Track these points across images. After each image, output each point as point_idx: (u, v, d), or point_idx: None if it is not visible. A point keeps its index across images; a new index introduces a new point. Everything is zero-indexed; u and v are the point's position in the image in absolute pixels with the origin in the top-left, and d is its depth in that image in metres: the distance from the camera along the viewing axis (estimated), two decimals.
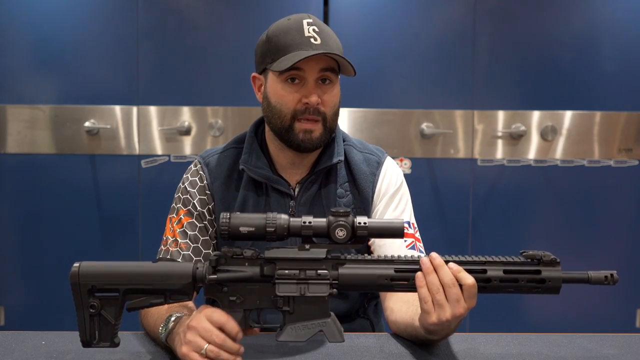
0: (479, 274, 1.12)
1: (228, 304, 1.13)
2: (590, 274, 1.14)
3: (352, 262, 1.14)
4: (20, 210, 2.93)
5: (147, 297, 1.13)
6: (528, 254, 1.14)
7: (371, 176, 1.51)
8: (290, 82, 1.40)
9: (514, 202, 2.95)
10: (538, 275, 1.13)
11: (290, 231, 1.12)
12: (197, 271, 1.13)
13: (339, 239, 1.11)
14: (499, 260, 1.14)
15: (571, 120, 2.92)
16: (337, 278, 1.13)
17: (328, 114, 1.42)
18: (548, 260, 1.13)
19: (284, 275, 1.12)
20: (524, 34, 2.92)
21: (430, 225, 2.87)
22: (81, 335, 1.13)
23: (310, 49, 1.37)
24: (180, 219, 1.48)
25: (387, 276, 1.13)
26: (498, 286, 1.13)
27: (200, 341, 1.10)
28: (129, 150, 2.90)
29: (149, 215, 2.91)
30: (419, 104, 2.91)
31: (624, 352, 1.29)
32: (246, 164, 1.48)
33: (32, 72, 2.91)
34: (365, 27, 2.89)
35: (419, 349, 1.29)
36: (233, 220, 1.11)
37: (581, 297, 2.97)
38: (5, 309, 2.96)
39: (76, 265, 1.13)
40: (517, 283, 1.12)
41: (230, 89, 2.89)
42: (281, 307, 1.13)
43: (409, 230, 1.48)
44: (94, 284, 1.11)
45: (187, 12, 2.91)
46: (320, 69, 1.39)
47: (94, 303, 1.12)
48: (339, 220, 1.11)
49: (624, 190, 2.96)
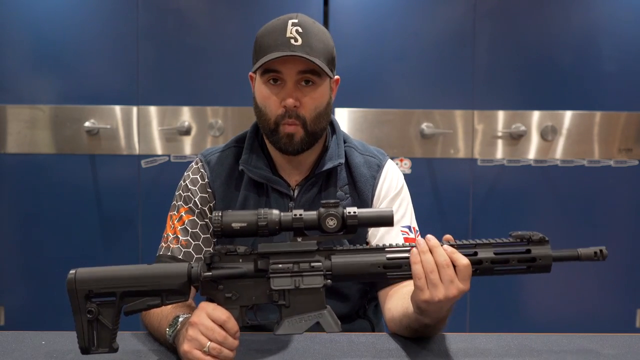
0: (471, 257, 1.13)
1: (224, 302, 1.14)
2: (579, 251, 1.16)
3: (345, 252, 1.15)
4: (20, 210, 2.93)
5: (144, 299, 1.14)
6: (517, 234, 1.15)
7: (371, 179, 1.51)
8: (273, 83, 1.40)
9: (514, 202, 2.95)
10: (528, 255, 1.14)
11: (282, 225, 1.13)
12: (192, 270, 1.14)
13: (330, 229, 1.12)
14: (489, 242, 1.15)
15: (571, 120, 2.92)
16: (330, 268, 1.14)
17: (308, 118, 1.40)
18: (537, 239, 1.14)
19: (278, 269, 1.13)
20: (524, 34, 2.92)
21: (430, 225, 2.86)
22: (80, 342, 1.13)
23: (287, 50, 1.35)
24: (181, 216, 1.48)
25: (380, 263, 1.14)
26: (489, 267, 1.14)
27: (202, 339, 1.11)
28: (129, 150, 2.90)
29: (149, 215, 2.91)
30: (419, 104, 2.91)
31: (624, 352, 1.29)
32: (246, 165, 1.48)
33: (32, 72, 2.91)
34: (365, 27, 2.89)
35: (419, 348, 1.29)
36: (225, 218, 1.12)
37: (581, 297, 2.98)
38: (5, 309, 2.96)
39: (72, 272, 1.14)
40: (508, 263, 1.14)
41: (230, 89, 2.89)
42: (277, 301, 1.13)
43: (410, 235, 1.48)
44: (90, 289, 1.12)
45: (187, 12, 2.92)
46: (298, 71, 1.38)
47: (91, 308, 1.12)
48: (329, 210, 1.12)
49: (624, 190, 2.96)
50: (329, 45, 1.42)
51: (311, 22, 1.42)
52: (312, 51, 1.37)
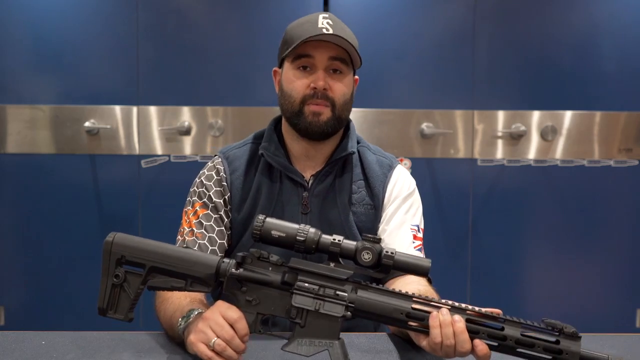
0: (496, 330, 1.10)
1: (244, 304, 1.14)
2: (610, 355, 1.10)
3: (373, 290, 1.13)
4: (20, 210, 2.93)
5: (170, 280, 1.16)
6: (550, 322, 1.11)
7: (382, 177, 1.56)
8: (302, 70, 1.47)
9: (514, 202, 2.95)
10: (556, 345, 1.09)
11: (319, 246, 1.13)
12: (221, 265, 1.15)
13: (365, 262, 1.11)
14: (519, 321, 1.11)
15: (571, 120, 2.92)
16: (354, 302, 1.12)
17: (337, 101, 1.47)
18: (569, 332, 1.10)
19: (303, 288, 1.12)
20: (524, 34, 2.92)
21: (430, 225, 2.86)
22: (99, 302, 1.16)
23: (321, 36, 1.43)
24: (196, 210, 1.53)
25: (404, 311, 1.12)
26: (512, 347, 1.10)
27: (210, 333, 1.12)
28: (129, 150, 2.90)
29: (149, 215, 2.91)
30: (419, 104, 2.91)
31: (624, 352, 1.29)
32: (265, 150, 1.53)
33: (32, 72, 2.91)
34: (365, 27, 2.89)
35: (419, 348, 1.29)
36: (267, 224, 1.13)
37: (581, 297, 2.97)
38: (5, 309, 2.96)
39: (112, 234, 1.19)
40: (532, 347, 1.09)
41: (230, 89, 2.89)
42: (294, 318, 1.12)
43: (418, 234, 1.54)
44: (124, 254, 1.16)
45: (187, 12, 2.92)
46: (329, 56, 1.46)
47: (119, 273, 1.16)
48: (367, 244, 1.11)
49: (624, 190, 2.96)
50: (356, 40, 1.51)
51: (338, 19, 1.51)
52: (344, 37, 1.44)
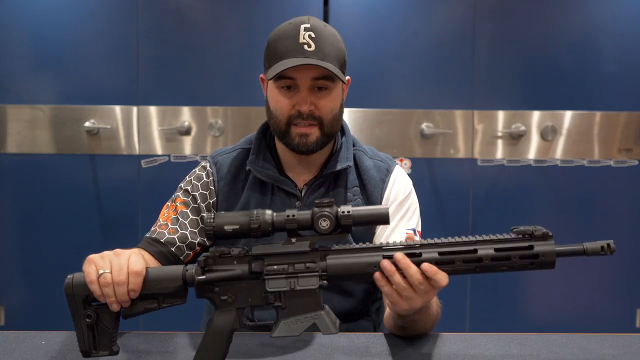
0: (470, 254, 1.10)
1: (220, 304, 1.13)
2: (585, 245, 1.09)
3: (340, 252, 1.12)
4: (20, 210, 2.93)
5: (142, 303, 1.14)
6: (519, 230, 1.10)
7: (380, 182, 1.53)
8: (286, 90, 1.42)
9: (514, 202, 2.95)
10: (531, 251, 1.08)
11: (275, 226, 1.11)
12: (186, 273, 1.13)
13: (323, 230, 1.09)
14: (490, 238, 1.10)
15: (571, 120, 2.92)
16: (325, 269, 1.11)
17: (325, 118, 1.43)
18: (540, 234, 1.09)
19: (273, 271, 1.11)
20: (524, 34, 2.92)
21: (430, 226, 2.86)
22: (80, 345, 1.14)
23: (302, 57, 1.37)
24: (176, 206, 1.50)
25: (376, 263, 1.11)
26: (490, 265, 1.09)
27: (107, 266, 1.12)
28: (129, 150, 2.90)
29: (148, 215, 2.90)
30: (419, 104, 2.91)
31: (624, 352, 1.29)
32: (253, 165, 1.50)
33: (32, 72, 2.91)
34: (365, 27, 2.89)
35: (419, 349, 1.29)
36: (217, 220, 1.11)
37: (581, 297, 2.97)
38: (5, 309, 2.96)
39: (69, 277, 1.14)
40: (509, 260, 1.09)
41: (230, 89, 2.89)
42: (273, 303, 1.12)
43: (416, 238, 1.49)
44: (87, 294, 1.13)
45: (187, 12, 2.91)
46: (312, 77, 1.40)
47: (90, 312, 1.13)
48: (322, 210, 1.09)
49: (624, 190, 2.96)
50: (341, 49, 1.45)
51: (322, 25, 1.44)
52: (325, 57, 1.39)
